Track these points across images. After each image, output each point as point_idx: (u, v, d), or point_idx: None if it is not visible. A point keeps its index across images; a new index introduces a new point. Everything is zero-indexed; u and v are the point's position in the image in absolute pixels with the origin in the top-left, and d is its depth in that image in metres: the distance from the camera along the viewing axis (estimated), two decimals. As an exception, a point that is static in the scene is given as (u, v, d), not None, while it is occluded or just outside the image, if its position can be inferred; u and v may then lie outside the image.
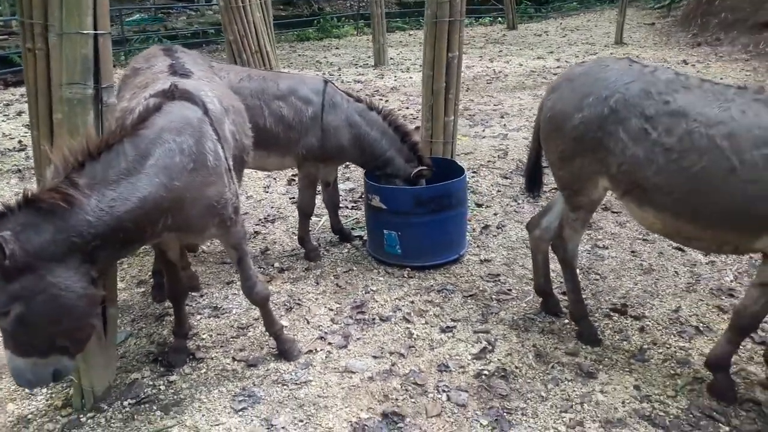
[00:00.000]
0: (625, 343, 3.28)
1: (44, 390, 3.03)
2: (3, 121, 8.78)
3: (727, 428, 2.66)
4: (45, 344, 2.19)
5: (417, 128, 4.44)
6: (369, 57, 13.71)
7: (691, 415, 2.73)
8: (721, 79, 9.27)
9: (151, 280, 4.00)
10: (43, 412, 2.89)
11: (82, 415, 2.84)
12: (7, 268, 2.00)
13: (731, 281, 3.86)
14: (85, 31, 2.41)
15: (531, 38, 16.32)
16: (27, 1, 3.52)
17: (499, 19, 19.87)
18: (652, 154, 2.51)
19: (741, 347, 3.14)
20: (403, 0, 25.58)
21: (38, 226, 2.06)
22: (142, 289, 4.00)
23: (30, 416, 2.87)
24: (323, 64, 13.32)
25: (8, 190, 5.79)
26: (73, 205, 2.09)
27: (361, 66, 12.87)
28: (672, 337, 3.33)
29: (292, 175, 6.12)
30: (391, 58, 13.21)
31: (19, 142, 7.55)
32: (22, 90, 11.06)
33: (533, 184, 3.60)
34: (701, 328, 3.38)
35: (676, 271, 4.02)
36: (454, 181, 3.97)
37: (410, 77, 11.33)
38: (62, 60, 2.45)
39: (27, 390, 2.96)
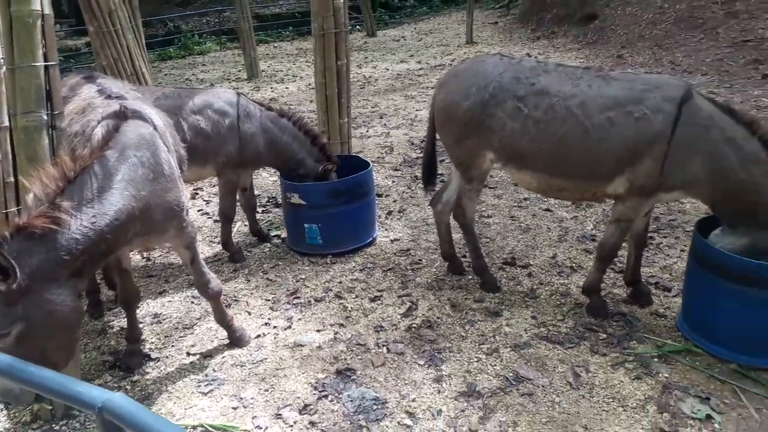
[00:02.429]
0: (518, 287, 4.01)
1: (3, 411, 3.14)
2: None
3: (605, 335, 3.44)
4: (38, 360, 2.36)
5: (323, 133, 4.92)
6: (239, 71, 13.89)
7: (577, 331, 3.49)
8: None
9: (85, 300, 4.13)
10: (12, 429, 3.02)
11: (54, 425, 3.02)
12: (10, 292, 2.18)
13: (591, 229, 4.78)
14: (37, 64, 2.64)
15: (391, 44, 17.31)
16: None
17: (357, 27, 20.76)
18: (526, 127, 3.23)
19: (607, 276, 4.00)
20: (260, 14, 25.74)
21: (32, 250, 2.26)
22: (76, 310, 4.11)
23: (-1, 435, 3.00)
24: (193, 81, 13.29)
25: None
26: (61, 227, 2.32)
27: (233, 80, 13.03)
28: (554, 277, 4.12)
29: (195, 189, 6.34)
30: (262, 71, 13.50)
31: None
32: None
33: (430, 174, 4.22)
34: (575, 267, 4.21)
35: (548, 227, 4.87)
36: (363, 173, 4.52)
37: (286, 88, 11.73)
38: (16, 91, 2.65)
39: (11, 407, 3.06)
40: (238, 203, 4.72)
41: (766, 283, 2.89)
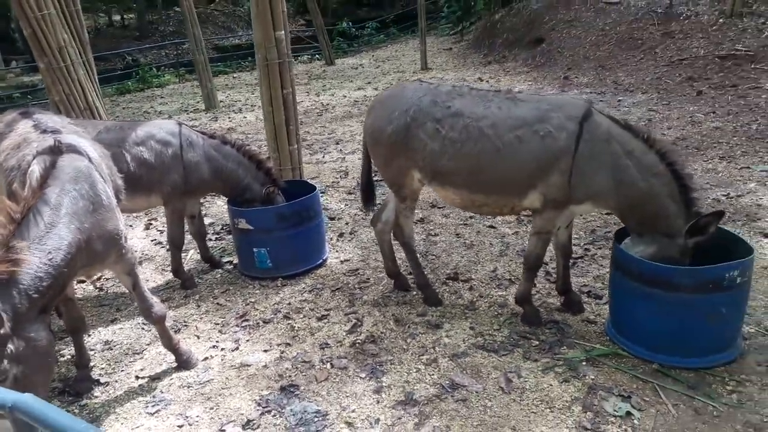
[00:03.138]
0: (459, 300, 4.19)
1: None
2: None
3: (537, 342, 3.62)
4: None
5: (268, 158, 5.07)
6: (198, 102, 13.98)
7: (512, 339, 3.67)
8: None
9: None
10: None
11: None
12: (1, 338, 2.26)
13: (530, 243, 5.00)
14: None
15: (349, 71, 17.65)
16: None
17: (317, 56, 21.11)
18: (444, 147, 3.45)
19: (541, 287, 4.21)
20: (219, 45, 25.96)
21: (4, 295, 2.34)
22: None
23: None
24: (152, 114, 13.33)
25: None
26: (23, 267, 2.40)
27: (192, 111, 13.12)
28: (493, 289, 4.31)
29: (149, 220, 6.40)
30: (221, 101, 13.63)
31: None
32: None
33: (368, 196, 4.41)
34: (513, 280, 4.41)
35: (491, 243, 5.09)
36: (309, 197, 4.67)
37: (244, 117, 11.88)
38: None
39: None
40: (187, 231, 4.81)
41: (676, 287, 3.11)
